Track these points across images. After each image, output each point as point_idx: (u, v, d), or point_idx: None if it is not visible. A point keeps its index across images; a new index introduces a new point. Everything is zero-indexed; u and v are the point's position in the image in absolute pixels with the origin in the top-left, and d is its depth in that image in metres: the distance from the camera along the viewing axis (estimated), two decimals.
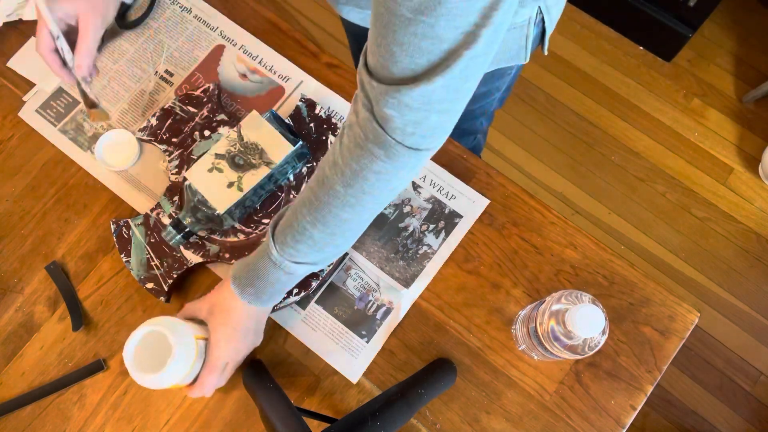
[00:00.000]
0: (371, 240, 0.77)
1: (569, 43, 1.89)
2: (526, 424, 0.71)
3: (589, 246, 0.76)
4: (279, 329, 0.75)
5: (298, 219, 0.59)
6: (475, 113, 0.99)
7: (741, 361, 1.60)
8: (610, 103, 1.83)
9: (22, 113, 0.86)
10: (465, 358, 0.73)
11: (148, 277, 0.75)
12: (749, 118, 1.80)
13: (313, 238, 0.60)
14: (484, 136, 1.31)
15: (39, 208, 0.82)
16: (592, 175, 1.77)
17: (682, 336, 0.73)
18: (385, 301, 0.75)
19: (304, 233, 0.59)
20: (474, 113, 0.99)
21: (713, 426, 1.56)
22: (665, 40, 1.79)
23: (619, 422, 0.70)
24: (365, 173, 0.54)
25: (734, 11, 1.89)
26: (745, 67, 1.85)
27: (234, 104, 0.84)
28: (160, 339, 0.61)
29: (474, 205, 0.78)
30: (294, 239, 0.60)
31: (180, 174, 0.78)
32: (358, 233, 0.63)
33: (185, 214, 0.72)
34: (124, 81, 0.86)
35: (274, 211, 0.76)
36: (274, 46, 0.86)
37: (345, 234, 0.61)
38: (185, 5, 0.89)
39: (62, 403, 0.75)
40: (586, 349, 0.60)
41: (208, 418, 0.73)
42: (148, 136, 0.80)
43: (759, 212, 1.72)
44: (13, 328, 0.78)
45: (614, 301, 0.74)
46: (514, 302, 0.75)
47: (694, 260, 1.69)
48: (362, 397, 0.73)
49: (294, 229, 0.60)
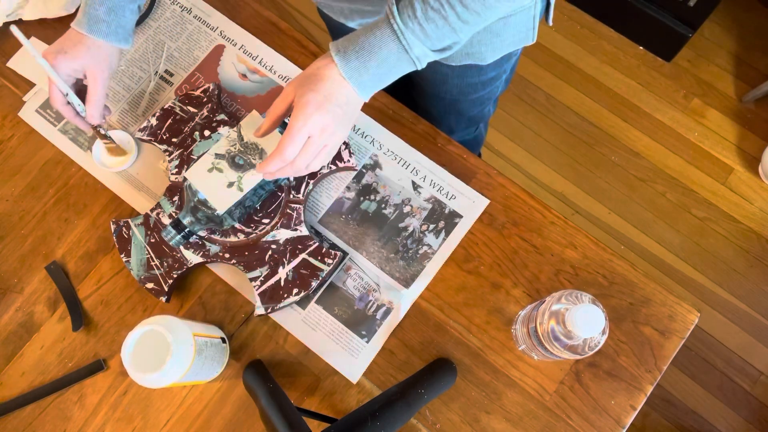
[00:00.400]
0: (371, 240, 0.77)
1: (569, 43, 1.89)
2: (526, 424, 0.71)
3: (589, 246, 0.76)
4: (279, 329, 0.75)
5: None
6: (483, 98, 1.00)
7: (741, 361, 1.60)
8: (610, 103, 1.83)
9: (22, 113, 0.86)
10: (465, 358, 0.73)
11: (148, 277, 0.75)
12: (749, 118, 1.80)
13: (447, 18, 0.57)
14: (485, 127, 1.32)
15: (39, 208, 0.82)
16: (592, 175, 1.77)
17: (682, 336, 0.73)
18: (385, 301, 0.75)
19: (439, 11, 0.57)
20: (483, 99, 0.99)
21: (713, 426, 1.56)
22: (665, 40, 1.79)
23: (619, 422, 0.70)
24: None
25: (734, 11, 1.89)
26: (745, 67, 1.85)
27: (234, 104, 0.85)
28: (159, 338, 0.61)
29: (474, 205, 0.78)
30: (425, 14, 0.57)
31: (180, 174, 0.78)
32: (490, 21, 0.61)
33: (185, 214, 0.72)
34: (124, 81, 0.86)
35: (274, 211, 0.76)
36: (274, 46, 0.86)
37: (481, 18, 0.59)
38: (185, 5, 0.89)
39: (62, 403, 0.75)
40: (586, 349, 0.60)
41: (208, 418, 0.73)
42: (148, 136, 0.80)
43: (759, 212, 1.72)
44: (13, 328, 0.78)
45: (614, 301, 0.74)
46: (514, 302, 0.75)
47: (694, 260, 1.69)
48: (362, 397, 0.73)
49: (428, 4, 0.57)
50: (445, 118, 1.07)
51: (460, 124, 1.11)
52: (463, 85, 0.92)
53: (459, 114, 1.05)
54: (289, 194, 0.77)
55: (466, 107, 1.02)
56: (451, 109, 1.03)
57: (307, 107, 0.61)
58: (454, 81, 0.91)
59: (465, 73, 0.88)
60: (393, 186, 0.79)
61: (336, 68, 0.61)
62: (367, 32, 0.60)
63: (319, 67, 0.62)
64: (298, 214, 0.76)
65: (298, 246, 0.74)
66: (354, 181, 0.80)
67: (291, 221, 0.75)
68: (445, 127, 1.12)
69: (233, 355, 0.75)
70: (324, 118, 0.62)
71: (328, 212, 0.79)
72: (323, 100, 0.61)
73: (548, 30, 1.90)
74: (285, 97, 0.64)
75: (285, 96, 0.64)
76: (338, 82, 0.61)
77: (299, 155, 0.63)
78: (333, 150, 0.66)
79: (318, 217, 0.79)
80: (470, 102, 0.99)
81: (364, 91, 0.63)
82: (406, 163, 0.80)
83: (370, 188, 0.79)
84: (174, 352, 0.61)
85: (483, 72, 0.88)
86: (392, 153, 0.81)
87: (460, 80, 0.90)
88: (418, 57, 0.60)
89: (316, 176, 0.77)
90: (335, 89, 0.61)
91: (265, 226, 0.76)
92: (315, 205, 0.79)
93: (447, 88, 0.93)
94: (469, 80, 0.90)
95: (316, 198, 0.80)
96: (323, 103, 0.61)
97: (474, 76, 0.90)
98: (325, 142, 0.64)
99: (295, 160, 0.64)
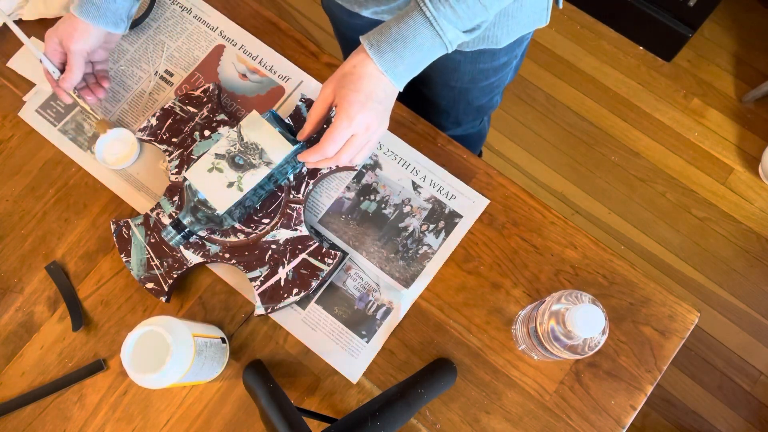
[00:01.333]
0: (371, 240, 0.77)
1: (569, 43, 1.89)
2: (526, 424, 0.71)
3: (589, 246, 0.76)
4: (279, 329, 0.75)
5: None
6: (493, 86, 1.00)
7: (741, 361, 1.60)
8: (610, 103, 1.83)
9: (22, 113, 0.86)
10: (465, 358, 0.73)
11: (149, 277, 0.75)
12: (749, 118, 1.80)
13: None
14: (488, 120, 1.32)
15: (39, 208, 0.82)
16: (592, 175, 1.77)
17: (682, 336, 0.73)
18: (385, 301, 0.75)
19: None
20: (492, 86, 0.99)
21: (713, 426, 1.56)
22: (665, 40, 1.79)
23: (619, 422, 0.70)
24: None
25: (734, 11, 1.89)
26: (745, 67, 1.85)
27: (234, 104, 0.84)
28: (159, 338, 0.61)
29: (474, 205, 0.78)
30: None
31: (180, 174, 0.78)
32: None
33: (185, 214, 0.72)
34: (124, 81, 0.86)
35: (274, 211, 0.76)
36: (274, 46, 0.86)
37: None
38: (185, 5, 0.89)
39: (62, 403, 0.75)
40: (586, 349, 0.60)
41: (208, 418, 0.73)
42: (148, 136, 0.80)
43: (759, 212, 1.72)
44: (13, 328, 0.78)
45: (614, 301, 0.74)
46: (514, 302, 0.75)
47: (694, 260, 1.69)
48: (362, 397, 0.73)
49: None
50: (454, 108, 1.07)
51: (467, 115, 1.11)
52: (475, 71, 0.92)
53: (467, 103, 1.05)
54: (289, 194, 0.77)
55: (476, 96, 1.02)
56: (460, 99, 1.02)
57: (351, 108, 0.62)
58: (466, 68, 0.91)
59: (478, 59, 0.88)
60: (393, 186, 0.79)
61: (372, 63, 0.62)
62: (398, 22, 0.61)
63: (354, 65, 0.62)
64: (298, 214, 0.76)
65: (298, 246, 0.74)
66: (354, 181, 0.80)
67: (291, 221, 0.75)
68: (452, 119, 1.11)
69: (233, 355, 0.75)
70: (367, 117, 0.63)
71: (328, 212, 0.79)
72: (365, 100, 0.62)
73: (548, 30, 1.90)
74: (324, 99, 0.65)
75: (324, 98, 0.65)
76: (376, 78, 0.62)
77: (344, 152, 0.64)
78: (375, 144, 0.68)
79: (318, 217, 0.79)
80: (480, 90, 0.99)
81: (399, 81, 0.63)
82: (406, 163, 0.80)
83: (370, 188, 0.79)
84: (174, 353, 0.60)
85: (495, 57, 0.88)
86: (392, 153, 0.81)
87: (472, 66, 0.90)
88: (450, 41, 0.61)
89: (316, 176, 0.77)
90: (374, 86, 0.62)
91: (265, 226, 0.76)
92: (315, 205, 0.79)
93: (458, 75, 0.93)
94: (481, 66, 0.90)
95: (316, 198, 0.80)
96: (366, 103, 0.62)
97: (486, 62, 0.89)
98: (369, 138, 0.65)
99: (339, 156, 0.65)
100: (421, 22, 0.60)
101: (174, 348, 0.61)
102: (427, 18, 0.59)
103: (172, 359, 0.60)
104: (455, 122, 1.13)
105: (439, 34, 0.60)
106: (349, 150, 0.64)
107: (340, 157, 0.65)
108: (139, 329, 0.62)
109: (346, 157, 0.65)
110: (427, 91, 1.03)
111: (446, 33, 0.60)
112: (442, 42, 0.61)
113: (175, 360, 0.61)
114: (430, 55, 0.63)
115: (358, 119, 0.62)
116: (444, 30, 0.60)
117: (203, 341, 0.67)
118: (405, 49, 0.61)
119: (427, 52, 0.62)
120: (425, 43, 0.61)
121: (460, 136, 1.20)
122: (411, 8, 0.60)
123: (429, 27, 0.60)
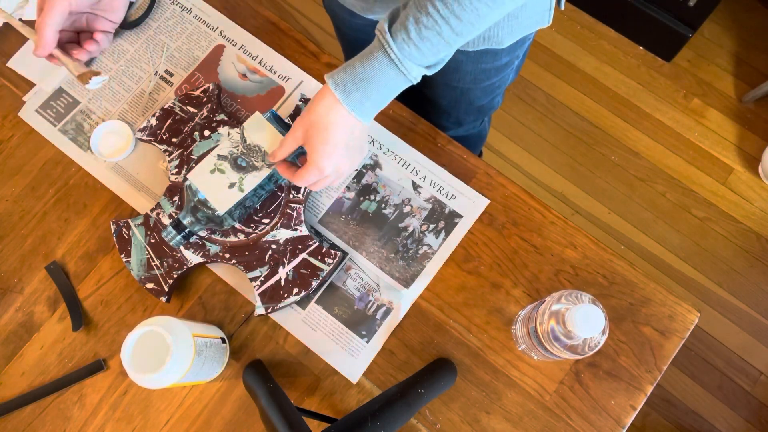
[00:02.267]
0: (371, 240, 0.77)
1: (569, 43, 1.89)
2: (526, 424, 0.71)
3: (589, 246, 0.76)
4: (279, 329, 0.75)
5: (428, 12, 0.58)
6: (495, 86, 1.00)
7: (741, 361, 1.60)
8: (610, 103, 1.83)
9: (22, 113, 0.86)
10: (465, 358, 0.73)
11: (149, 277, 0.75)
12: (749, 118, 1.80)
13: (441, 33, 0.58)
14: (489, 121, 1.32)
15: (39, 208, 0.82)
16: (592, 175, 1.77)
17: (682, 336, 0.73)
18: (385, 301, 0.75)
19: (433, 28, 0.58)
20: (494, 86, 0.99)
21: (713, 426, 1.56)
22: (665, 40, 1.79)
23: (619, 422, 0.70)
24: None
25: (734, 11, 1.89)
26: (745, 67, 1.85)
27: (234, 104, 0.85)
28: (158, 339, 0.61)
29: (474, 205, 0.78)
30: (419, 35, 0.59)
31: (180, 174, 0.78)
32: (482, 30, 0.62)
33: (185, 214, 0.72)
34: (124, 81, 0.86)
35: (274, 211, 0.76)
36: (274, 46, 0.86)
37: (474, 28, 0.60)
38: (185, 5, 0.89)
39: (62, 403, 0.75)
40: (586, 349, 0.60)
41: (208, 418, 0.73)
42: (148, 136, 0.80)
43: (759, 212, 1.72)
44: (13, 328, 0.78)
45: (614, 301, 0.74)
46: (514, 302, 0.75)
47: (694, 260, 1.69)
48: (362, 397, 0.73)
49: (421, 24, 0.58)
50: (455, 109, 1.07)
51: (469, 115, 1.11)
52: (476, 71, 0.92)
53: (469, 104, 1.05)
54: (289, 194, 0.77)
55: (477, 96, 1.02)
56: (461, 99, 1.02)
57: (321, 160, 0.66)
58: (468, 68, 0.90)
59: (480, 59, 0.88)
60: (393, 186, 0.79)
61: (339, 105, 0.63)
62: (363, 61, 0.62)
63: (320, 114, 0.64)
64: (298, 213, 0.76)
65: (299, 246, 0.74)
66: (354, 181, 0.80)
67: (291, 221, 0.75)
68: (453, 119, 1.11)
69: (233, 355, 0.75)
70: (336, 162, 0.67)
71: (328, 212, 0.79)
72: (332, 149, 0.65)
73: (548, 30, 1.90)
74: (295, 140, 0.68)
75: (295, 139, 0.68)
76: (343, 121, 0.64)
77: (316, 185, 0.70)
78: (349, 173, 0.72)
79: (318, 217, 0.79)
80: (482, 90, 0.99)
81: (366, 117, 0.65)
82: (406, 163, 0.80)
83: (370, 188, 0.79)
84: (174, 353, 0.60)
85: (498, 57, 0.88)
86: (392, 153, 0.81)
87: (474, 66, 0.90)
88: (415, 77, 0.63)
89: None
90: (342, 131, 0.65)
91: (265, 226, 0.76)
92: (315, 205, 0.79)
93: (460, 75, 0.93)
94: (483, 66, 0.90)
95: (316, 198, 0.80)
96: (333, 151, 0.65)
97: (488, 62, 0.89)
98: (341, 174, 0.69)
99: (312, 186, 0.71)
100: (386, 63, 0.61)
101: (174, 348, 0.61)
102: (391, 59, 0.60)
103: (172, 359, 0.60)
104: (456, 122, 1.13)
105: (404, 72, 0.61)
106: (322, 184, 0.70)
107: (314, 188, 0.71)
108: (139, 329, 0.62)
109: (319, 188, 0.71)
110: (429, 91, 1.03)
111: (410, 72, 0.61)
112: (407, 79, 0.62)
113: (175, 360, 0.61)
114: (395, 90, 0.64)
115: (327, 167, 0.66)
116: (408, 69, 0.61)
117: (203, 341, 0.67)
118: (370, 88, 0.62)
119: (392, 89, 0.63)
120: (390, 82, 0.62)
121: (461, 136, 1.20)
122: (375, 47, 0.61)
123: (393, 67, 0.61)
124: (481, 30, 0.61)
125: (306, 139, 0.66)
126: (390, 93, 0.64)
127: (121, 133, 0.83)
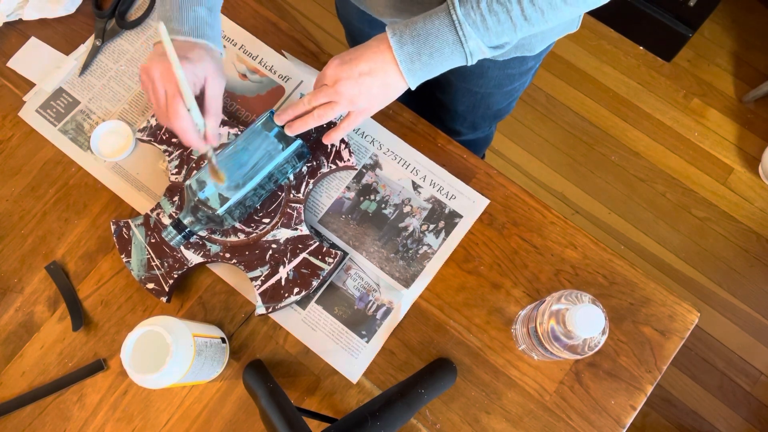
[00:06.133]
0: (371, 240, 0.77)
1: (569, 43, 1.89)
2: (526, 424, 0.71)
3: (589, 246, 0.76)
4: (279, 329, 0.75)
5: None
6: (515, 90, 0.98)
7: (741, 361, 1.60)
8: (610, 103, 1.83)
9: (22, 113, 0.86)
10: (465, 358, 0.73)
11: (149, 277, 0.75)
12: (749, 118, 1.80)
13: (511, 12, 0.57)
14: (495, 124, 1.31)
15: (39, 208, 0.82)
16: (592, 175, 1.77)
17: (682, 336, 0.73)
18: (385, 301, 0.75)
19: (505, 4, 0.57)
20: (514, 90, 0.98)
21: (713, 426, 1.56)
22: (665, 40, 1.79)
23: (619, 422, 0.70)
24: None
25: (734, 11, 1.89)
26: (745, 67, 1.85)
27: (234, 104, 0.84)
28: (158, 339, 0.61)
29: (474, 205, 0.78)
30: (489, 6, 0.57)
31: (180, 174, 0.78)
32: (549, 25, 0.60)
33: (185, 214, 0.72)
34: (124, 81, 0.86)
35: (274, 211, 0.76)
36: (274, 46, 0.86)
37: (543, 18, 0.58)
38: None
39: (62, 403, 0.75)
40: (586, 349, 0.60)
41: (208, 418, 0.73)
42: (147, 137, 0.80)
43: (759, 212, 1.72)
44: (13, 328, 0.78)
45: (614, 301, 0.74)
46: (514, 302, 0.75)
47: (694, 260, 1.69)
48: (362, 397, 0.73)
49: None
50: (471, 113, 1.05)
51: (485, 120, 1.09)
52: (501, 76, 0.90)
53: (487, 108, 1.03)
54: (289, 194, 0.77)
55: (497, 100, 1.00)
56: (480, 104, 1.01)
57: (342, 80, 0.62)
58: (494, 73, 0.89)
59: (507, 65, 0.87)
60: (393, 186, 0.79)
61: (389, 54, 0.61)
62: (425, 18, 0.60)
63: (367, 55, 0.62)
64: (298, 213, 0.76)
65: (299, 245, 0.74)
66: (354, 181, 0.80)
67: (291, 220, 0.75)
68: (468, 124, 1.09)
69: (233, 355, 0.75)
70: (357, 92, 0.62)
71: (328, 212, 0.79)
72: (359, 77, 0.62)
73: None
74: (322, 73, 0.64)
75: (324, 72, 0.64)
76: (385, 68, 0.61)
77: (323, 110, 0.64)
78: (356, 120, 0.66)
79: (318, 217, 0.79)
80: (502, 95, 0.98)
81: (411, 76, 0.62)
82: (406, 163, 0.80)
83: (370, 188, 0.79)
84: (174, 353, 0.60)
85: (524, 62, 0.87)
86: (392, 153, 0.81)
87: (500, 72, 0.89)
88: (471, 51, 0.60)
89: (316, 175, 0.77)
90: (379, 75, 0.62)
91: (265, 225, 0.76)
92: (315, 204, 0.79)
93: (483, 81, 0.92)
94: (509, 71, 0.89)
95: (316, 198, 0.80)
96: (359, 79, 0.62)
97: (515, 67, 0.88)
98: (353, 104, 0.64)
99: (319, 111, 0.65)
100: (446, 24, 0.58)
101: (174, 348, 0.61)
102: (452, 21, 0.58)
103: (172, 359, 0.60)
104: (472, 127, 1.11)
105: (461, 41, 0.59)
106: (330, 111, 0.64)
107: (315, 113, 0.64)
108: (139, 329, 0.62)
109: (320, 113, 0.65)
110: (444, 96, 1.01)
111: (468, 41, 0.59)
112: (463, 51, 0.60)
113: (175, 360, 0.61)
114: (449, 61, 0.61)
115: (345, 90, 0.62)
116: (467, 38, 0.58)
117: (203, 341, 0.67)
118: (424, 46, 0.60)
119: (445, 58, 0.61)
120: (446, 48, 0.60)
121: (470, 140, 1.19)
122: (441, 8, 0.59)
123: (453, 32, 0.59)
124: (549, 24, 0.59)
125: (337, 75, 0.62)
126: (442, 62, 0.61)
127: (121, 133, 0.83)
